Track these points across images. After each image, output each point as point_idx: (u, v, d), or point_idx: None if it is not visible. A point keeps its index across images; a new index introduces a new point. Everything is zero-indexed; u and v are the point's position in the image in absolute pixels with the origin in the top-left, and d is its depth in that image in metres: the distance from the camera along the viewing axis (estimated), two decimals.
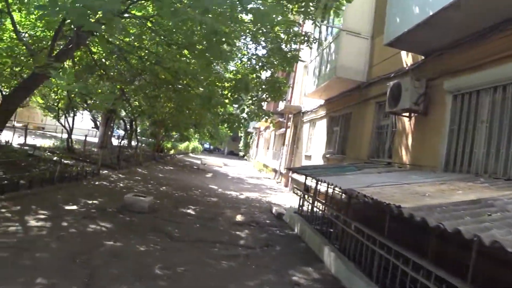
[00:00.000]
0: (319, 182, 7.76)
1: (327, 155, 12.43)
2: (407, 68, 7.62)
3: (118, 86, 15.80)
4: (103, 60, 13.11)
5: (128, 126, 28.67)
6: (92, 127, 25.80)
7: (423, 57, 7.03)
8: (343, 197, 7.31)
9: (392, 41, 6.64)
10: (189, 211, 8.81)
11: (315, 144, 14.55)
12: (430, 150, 6.46)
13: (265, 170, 27.02)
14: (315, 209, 8.06)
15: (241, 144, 48.21)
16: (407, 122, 7.39)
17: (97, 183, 10.50)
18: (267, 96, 11.45)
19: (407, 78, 6.68)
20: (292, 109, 18.55)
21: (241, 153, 49.08)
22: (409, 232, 4.63)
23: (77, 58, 14.16)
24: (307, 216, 8.44)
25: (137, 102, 21.62)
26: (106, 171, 12.74)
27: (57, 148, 15.71)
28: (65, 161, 12.35)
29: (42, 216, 6.12)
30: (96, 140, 25.10)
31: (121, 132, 31.32)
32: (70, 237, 5.29)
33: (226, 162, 32.54)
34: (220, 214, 9.01)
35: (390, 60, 8.44)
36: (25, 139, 15.16)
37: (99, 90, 21.37)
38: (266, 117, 11.55)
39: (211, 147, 64.54)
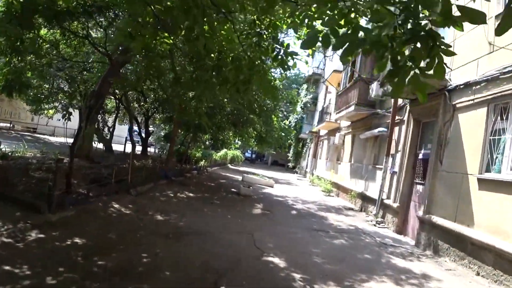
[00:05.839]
0: None
1: None
2: None
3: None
4: None
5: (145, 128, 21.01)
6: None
7: None
8: None
9: None
10: None
11: None
12: None
13: (336, 192, 18.10)
14: None
15: (291, 153, 39.36)
16: None
17: None
18: None
19: None
20: None
21: (290, 165, 40.17)
22: None
23: None
24: None
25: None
26: None
27: None
28: None
29: None
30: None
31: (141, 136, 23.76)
32: None
33: (275, 177, 23.92)
34: None
35: None
36: None
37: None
38: None
39: (253, 156, 56.30)
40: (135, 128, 24.55)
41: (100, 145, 18.27)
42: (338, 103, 17.72)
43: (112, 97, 18.02)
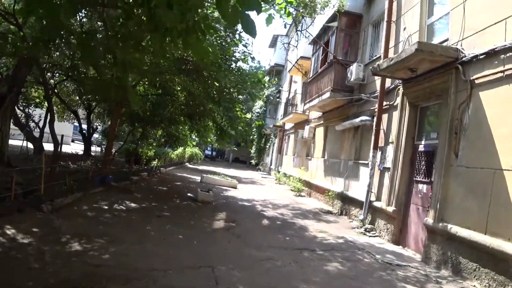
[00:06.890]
0: None
1: None
2: None
3: None
4: None
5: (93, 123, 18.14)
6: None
7: None
8: None
9: None
10: None
11: None
12: None
13: (307, 191, 16.19)
14: None
15: (253, 150, 37.23)
16: None
17: None
18: None
19: None
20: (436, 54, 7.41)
21: (252, 162, 37.99)
22: None
23: None
24: None
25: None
26: None
27: None
28: None
29: None
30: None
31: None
32: None
33: (238, 175, 21.79)
34: None
35: None
36: None
37: None
38: None
39: (213, 153, 53.64)
40: (77, 124, 21.47)
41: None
42: (308, 91, 15.75)
43: (38, 85, 14.98)
